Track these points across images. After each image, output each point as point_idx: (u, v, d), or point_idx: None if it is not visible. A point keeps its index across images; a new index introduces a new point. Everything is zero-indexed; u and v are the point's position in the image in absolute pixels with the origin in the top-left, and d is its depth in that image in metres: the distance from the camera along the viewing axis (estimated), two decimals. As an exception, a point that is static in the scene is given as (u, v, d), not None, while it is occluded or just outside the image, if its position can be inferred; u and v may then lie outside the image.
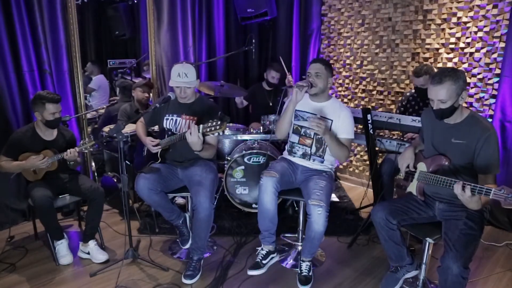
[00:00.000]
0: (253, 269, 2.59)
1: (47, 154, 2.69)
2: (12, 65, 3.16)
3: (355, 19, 4.18)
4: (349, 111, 2.64)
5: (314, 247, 2.51)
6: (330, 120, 2.60)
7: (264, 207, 2.52)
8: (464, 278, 1.90)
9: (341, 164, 4.62)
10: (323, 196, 2.40)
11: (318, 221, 2.35)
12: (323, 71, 2.54)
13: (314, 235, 2.40)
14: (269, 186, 2.48)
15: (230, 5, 4.58)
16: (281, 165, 2.66)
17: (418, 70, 3.04)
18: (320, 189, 2.44)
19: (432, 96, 2.01)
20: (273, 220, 2.56)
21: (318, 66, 2.54)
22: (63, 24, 3.37)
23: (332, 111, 2.61)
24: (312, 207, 2.36)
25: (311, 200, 2.38)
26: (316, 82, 2.54)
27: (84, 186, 2.77)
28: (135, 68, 5.71)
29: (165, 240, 3.08)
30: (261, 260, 2.62)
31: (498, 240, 3.10)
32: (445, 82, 1.94)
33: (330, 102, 2.65)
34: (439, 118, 2.06)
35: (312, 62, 2.61)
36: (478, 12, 3.31)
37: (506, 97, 3.14)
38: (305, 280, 2.53)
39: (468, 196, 1.80)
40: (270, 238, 2.65)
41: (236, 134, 3.57)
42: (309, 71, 2.57)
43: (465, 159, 2.06)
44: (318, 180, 2.52)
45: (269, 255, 2.66)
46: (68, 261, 2.72)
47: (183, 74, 2.56)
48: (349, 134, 2.60)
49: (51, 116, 2.65)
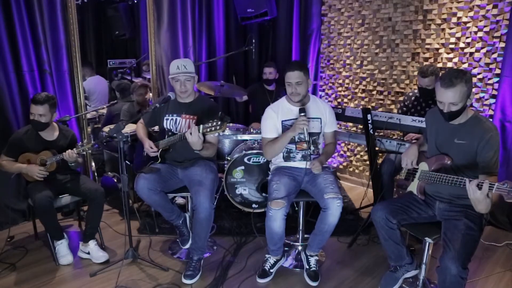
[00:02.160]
0: (261, 277, 2.58)
1: (46, 155, 2.69)
2: (12, 65, 3.16)
3: (355, 19, 4.18)
4: (328, 105, 2.75)
5: (324, 240, 2.51)
6: (318, 119, 2.62)
7: (273, 232, 2.46)
8: (463, 278, 1.90)
9: (341, 164, 4.62)
10: (337, 189, 2.44)
11: (335, 213, 2.36)
12: (302, 77, 2.48)
13: (328, 228, 2.41)
14: (278, 216, 2.40)
15: (230, 5, 4.58)
16: (283, 184, 2.52)
17: (424, 70, 2.98)
18: (331, 183, 2.48)
19: (442, 99, 1.98)
20: (282, 238, 2.53)
21: (297, 75, 2.47)
22: (63, 24, 3.37)
23: (316, 110, 2.63)
24: (331, 200, 2.36)
25: (328, 194, 2.38)
26: (298, 90, 2.51)
27: (84, 186, 2.77)
28: (135, 68, 5.71)
29: (165, 240, 3.08)
30: (269, 269, 2.61)
31: (498, 240, 3.10)
32: (457, 84, 1.92)
33: (311, 102, 2.65)
34: (449, 120, 2.06)
35: (289, 70, 2.49)
36: (478, 12, 3.31)
37: (506, 97, 3.14)
38: (315, 275, 2.54)
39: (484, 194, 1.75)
40: (278, 251, 2.63)
41: (236, 134, 3.57)
42: (289, 81, 2.49)
43: (467, 159, 2.06)
44: (326, 176, 2.54)
45: (277, 263, 2.66)
46: (68, 261, 2.72)
47: (182, 66, 2.57)
48: (334, 126, 2.72)
49: (32, 116, 2.64)
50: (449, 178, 1.97)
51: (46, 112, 2.62)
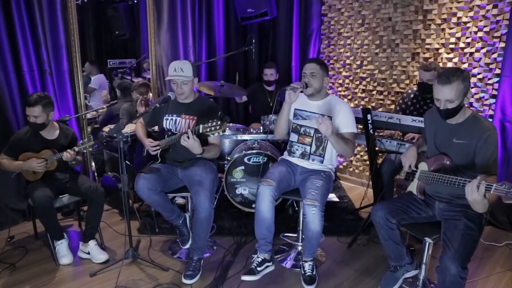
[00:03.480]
0: (247, 274, 2.57)
1: (47, 154, 2.70)
2: (12, 65, 3.16)
3: (355, 19, 4.18)
4: (347, 105, 2.67)
5: (313, 247, 2.51)
6: (330, 117, 2.59)
7: (261, 215, 2.50)
8: (462, 278, 1.90)
9: (341, 164, 4.62)
10: (318, 196, 2.39)
11: (313, 221, 2.35)
12: (318, 71, 2.53)
13: (312, 234, 2.41)
14: (266, 194, 2.46)
15: (230, 5, 4.58)
16: (279, 170, 2.62)
17: (427, 64, 3.05)
18: (316, 188, 2.43)
19: (439, 96, 1.99)
20: (270, 228, 2.55)
21: (313, 66, 2.55)
22: (63, 24, 3.37)
23: (330, 108, 2.61)
24: (307, 207, 2.37)
25: (306, 200, 2.39)
26: (311, 82, 2.54)
27: (84, 186, 2.77)
28: (135, 68, 5.71)
29: (165, 240, 3.08)
30: (255, 267, 2.60)
31: (498, 240, 3.10)
32: (454, 81, 1.93)
33: (328, 99, 2.65)
34: (445, 118, 2.06)
35: (307, 62, 2.60)
36: (478, 12, 3.31)
37: (506, 97, 3.14)
38: (310, 280, 2.53)
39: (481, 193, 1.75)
40: (266, 246, 2.62)
41: (236, 134, 3.57)
42: (304, 71, 2.58)
43: (466, 159, 2.06)
44: (315, 180, 2.51)
45: (264, 263, 2.64)
46: (68, 261, 2.72)
47: (179, 68, 2.58)
48: (351, 128, 2.58)
49: (28, 118, 2.64)
50: (449, 179, 1.97)
51: (40, 113, 2.62)
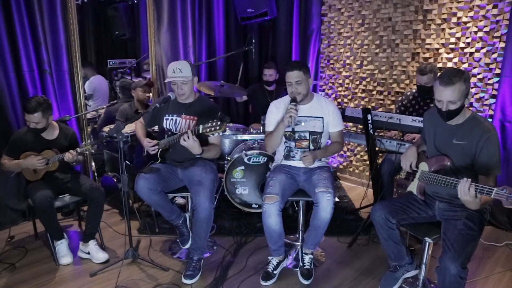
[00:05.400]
0: (265, 280, 2.55)
1: (48, 154, 2.70)
2: (12, 65, 3.16)
3: (355, 19, 4.18)
4: (333, 104, 2.73)
5: (318, 236, 2.50)
6: (320, 118, 2.62)
7: (271, 229, 2.48)
8: (462, 278, 1.90)
9: (341, 164, 4.62)
10: (329, 184, 2.44)
11: (326, 208, 2.35)
12: (302, 77, 2.49)
13: (320, 223, 2.40)
14: (272, 211, 2.42)
15: (230, 5, 4.58)
16: (279, 180, 2.55)
17: (423, 68, 3.02)
18: (325, 179, 2.49)
19: (441, 98, 1.98)
20: (281, 235, 2.53)
21: (297, 74, 2.47)
22: (63, 24, 3.38)
23: (318, 109, 2.63)
24: (321, 194, 2.37)
25: (319, 188, 2.39)
26: (298, 90, 2.51)
27: (84, 186, 2.77)
28: (135, 68, 5.71)
29: (165, 240, 3.08)
30: (272, 270, 2.60)
31: (498, 240, 3.10)
32: (456, 83, 1.93)
33: (315, 100, 2.65)
34: (447, 119, 2.05)
35: (289, 70, 2.50)
36: (478, 12, 3.31)
37: (506, 97, 3.14)
38: (308, 273, 2.54)
39: (472, 195, 1.78)
40: (280, 250, 2.62)
41: (236, 134, 3.57)
42: (289, 81, 2.50)
43: (466, 160, 2.06)
44: (321, 172, 2.56)
45: (279, 264, 2.65)
46: (68, 261, 2.72)
47: (178, 69, 2.58)
48: (340, 126, 2.69)
49: (27, 123, 2.63)
50: (449, 180, 1.96)
51: (40, 119, 2.61)
